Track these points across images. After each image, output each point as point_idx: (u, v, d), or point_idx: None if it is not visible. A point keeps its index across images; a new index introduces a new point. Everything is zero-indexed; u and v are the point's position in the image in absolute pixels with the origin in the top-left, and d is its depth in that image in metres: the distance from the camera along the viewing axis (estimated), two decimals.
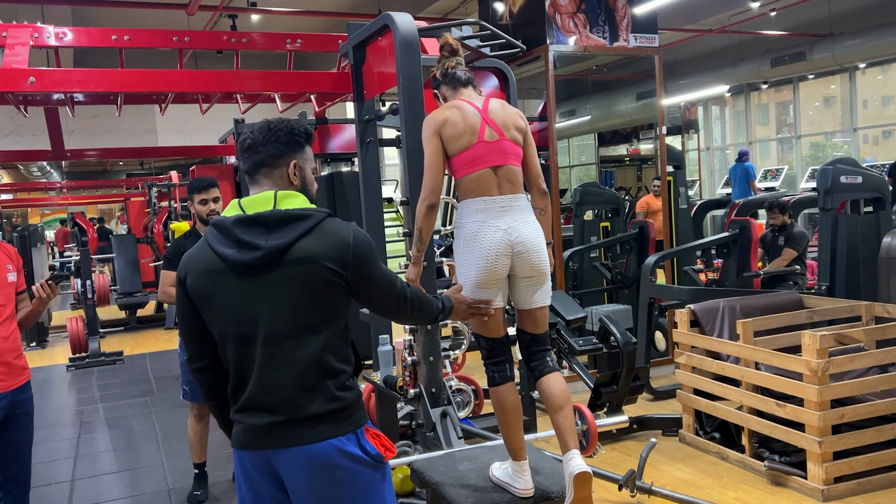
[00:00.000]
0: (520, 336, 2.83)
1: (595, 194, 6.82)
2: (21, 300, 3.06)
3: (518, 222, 2.68)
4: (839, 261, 4.66)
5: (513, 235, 2.65)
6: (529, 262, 2.68)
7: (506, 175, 2.72)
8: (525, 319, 2.80)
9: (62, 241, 16.95)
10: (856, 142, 13.90)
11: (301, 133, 1.97)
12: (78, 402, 6.48)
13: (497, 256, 2.64)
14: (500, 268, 2.66)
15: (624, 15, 5.80)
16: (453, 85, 2.88)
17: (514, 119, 2.81)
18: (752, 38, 13.50)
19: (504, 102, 2.88)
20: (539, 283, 2.73)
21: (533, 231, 2.71)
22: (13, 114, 7.51)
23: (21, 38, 4.60)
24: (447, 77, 2.89)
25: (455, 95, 2.86)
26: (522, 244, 2.66)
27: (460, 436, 3.34)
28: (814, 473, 3.48)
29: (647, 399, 5.09)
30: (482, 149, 2.71)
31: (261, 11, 11.27)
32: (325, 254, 1.83)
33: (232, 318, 1.86)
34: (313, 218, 1.86)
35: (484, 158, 2.71)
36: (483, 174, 2.70)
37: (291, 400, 1.83)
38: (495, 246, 2.64)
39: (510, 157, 2.75)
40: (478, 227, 2.67)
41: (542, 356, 2.78)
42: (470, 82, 2.88)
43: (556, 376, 2.75)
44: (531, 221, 2.73)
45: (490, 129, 2.73)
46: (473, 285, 2.68)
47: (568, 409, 2.69)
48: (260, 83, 5.48)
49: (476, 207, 2.69)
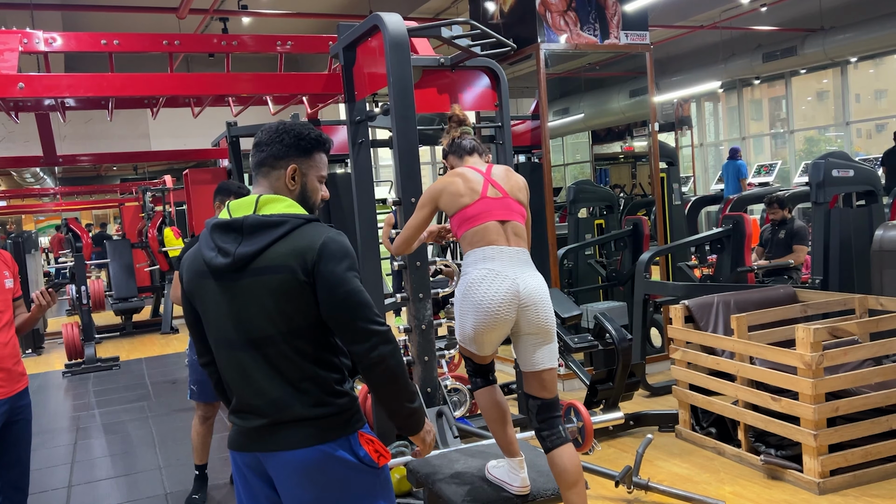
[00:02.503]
0: (528, 401, 2.72)
1: (589, 192, 6.82)
2: (17, 306, 3.06)
3: (527, 275, 2.63)
4: (832, 254, 4.68)
5: (521, 286, 2.59)
6: (536, 318, 2.61)
7: (513, 229, 2.70)
8: (532, 382, 2.69)
9: (57, 247, 16.90)
10: (849, 136, 13.93)
11: (309, 138, 1.93)
12: (74, 408, 6.47)
13: (501, 305, 2.56)
14: (503, 319, 2.58)
15: (614, 12, 5.81)
16: (459, 154, 2.94)
17: (518, 183, 2.84)
18: (743, 34, 13.53)
19: (509, 169, 2.90)
20: (545, 341, 2.65)
21: (541, 285, 2.66)
22: (4, 120, 7.49)
23: (10, 43, 4.59)
24: (454, 147, 2.96)
25: (461, 163, 2.92)
26: (530, 297, 2.60)
27: (456, 435, 3.34)
28: (810, 467, 3.49)
29: (643, 395, 5.10)
30: (486, 204, 2.70)
31: (251, 14, 11.25)
32: (291, 260, 1.79)
33: (215, 322, 1.88)
34: (287, 224, 1.82)
35: (489, 213, 2.69)
36: (489, 226, 2.67)
37: (275, 403, 1.82)
38: (501, 295, 2.56)
39: (515, 214, 2.73)
40: (485, 273, 2.60)
41: (553, 423, 2.67)
42: (475, 150, 2.94)
43: (568, 449, 2.64)
44: (538, 277, 2.68)
45: (493, 188, 2.75)
46: (471, 336, 2.63)
47: (581, 485, 2.59)
48: (251, 86, 5.46)
49: (484, 255, 2.64)
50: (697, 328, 4.24)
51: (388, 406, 1.89)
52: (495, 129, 4.20)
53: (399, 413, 1.91)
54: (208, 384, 2.04)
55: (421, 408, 1.95)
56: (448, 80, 4.07)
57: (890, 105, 14.07)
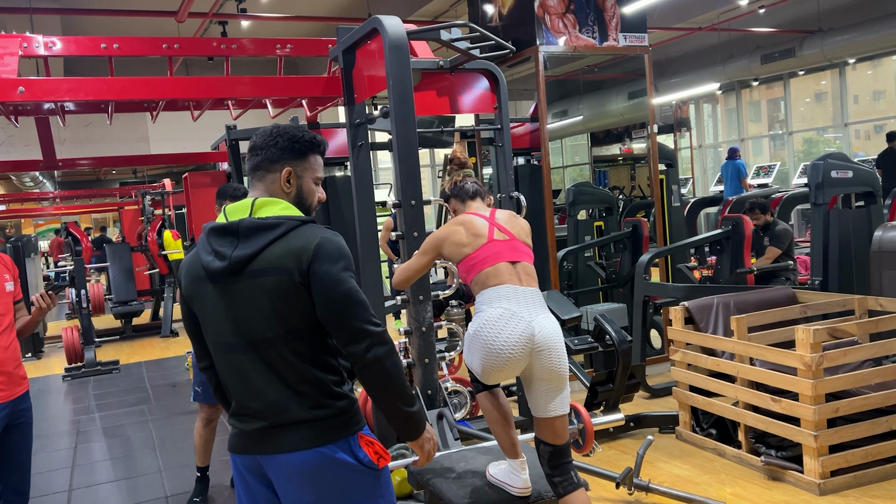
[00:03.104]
0: (540, 447, 2.68)
1: (588, 194, 6.83)
2: (18, 310, 3.06)
3: (542, 318, 2.59)
4: (831, 255, 4.68)
5: (536, 330, 2.55)
6: (549, 363, 2.57)
7: (525, 269, 2.69)
8: (544, 429, 2.65)
9: (56, 250, 16.90)
10: (847, 137, 13.96)
11: (303, 141, 1.93)
12: (74, 412, 6.47)
13: (514, 348, 2.52)
14: (515, 362, 2.55)
15: (613, 14, 5.82)
16: (461, 198, 2.94)
17: (524, 227, 2.84)
18: (741, 36, 13.56)
19: (513, 213, 2.90)
20: (558, 388, 2.62)
21: (556, 329, 2.62)
22: (4, 124, 7.50)
23: (10, 48, 4.59)
24: (456, 190, 2.96)
25: (463, 208, 2.92)
26: (544, 341, 2.56)
27: (457, 437, 3.34)
28: (810, 467, 3.49)
29: (643, 397, 5.10)
30: (494, 247, 2.69)
31: (250, 17, 11.27)
32: (287, 261, 1.79)
33: (213, 325, 1.88)
34: (283, 226, 1.82)
35: (498, 255, 2.67)
36: (500, 266, 2.65)
37: (273, 405, 1.83)
38: (515, 337, 2.52)
39: (524, 255, 2.72)
40: (500, 312, 2.55)
41: (565, 469, 2.63)
42: (478, 194, 2.95)
43: (581, 495, 2.60)
44: (553, 320, 2.64)
45: (499, 231, 2.74)
46: (479, 372, 2.62)
47: None
48: (251, 89, 5.47)
49: (500, 294, 2.60)
50: (697, 329, 4.25)
51: (385, 409, 1.88)
52: (494, 131, 4.21)
53: (396, 416, 1.89)
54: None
55: (420, 414, 1.92)
56: (447, 83, 4.07)
57: (888, 106, 14.09)
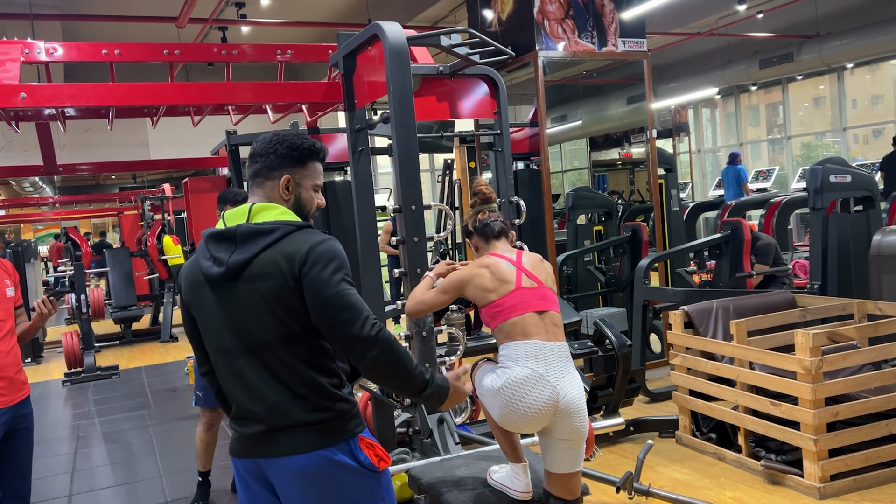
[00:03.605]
0: (547, 500, 2.61)
1: (587, 198, 6.84)
2: (18, 315, 3.07)
3: (567, 380, 2.53)
4: (830, 259, 4.69)
5: (561, 396, 2.49)
6: (571, 425, 2.52)
7: (552, 320, 2.62)
8: (556, 484, 2.59)
9: (56, 255, 16.90)
10: (846, 141, 13.98)
11: (302, 148, 1.94)
12: (74, 417, 6.47)
13: (538, 414, 2.47)
14: (537, 424, 2.51)
15: (612, 20, 5.84)
16: (486, 237, 2.80)
17: (549, 273, 2.76)
18: (740, 41, 13.59)
19: (537, 256, 2.80)
20: (577, 446, 2.57)
21: (580, 392, 2.57)
22: (4, 129, 7.50)
23: (11, 54, 4.60)
24: (480, 227, 2.82)
25: (487, 248, 2.79)
26: (568, 407, 2.50)
27: (457, 441, 3.34)
28: (810, 471, 3.50)
29: (643, 401, 5.10)
30: (522, 294, 2.60)
31: (251, 23, 11.30)
32: (281, 265, 1.81)
33: (212, 330, 1.90)
34: (279, 231, 1.84)
35: (526, 303, 2.59)
36: (527, 317, 2.56)
37: (273, 408, 1.84)
38: (540, 403, 2.47)
39: (551, 304, 2.65)
40: (528, 374, 2.48)
41: None
42: (503, 233, 2.81)
43: None
44: (578, 381, 2.58)
45: (527, 278, 2.65)
46: (496, 421, 2.58)
47: None
48: (251, 94, 5.48)
49: (527, 351, 2.52)
50: (697, 334, 4.26)
51: (401, 394, 1.89)
52: (494, 136, 4.22)
53: (414, 397, 1.93)
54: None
55: (434, 385, 1.91)
56: (447, 88, 4.08)
57: (886, 110, 14.12)
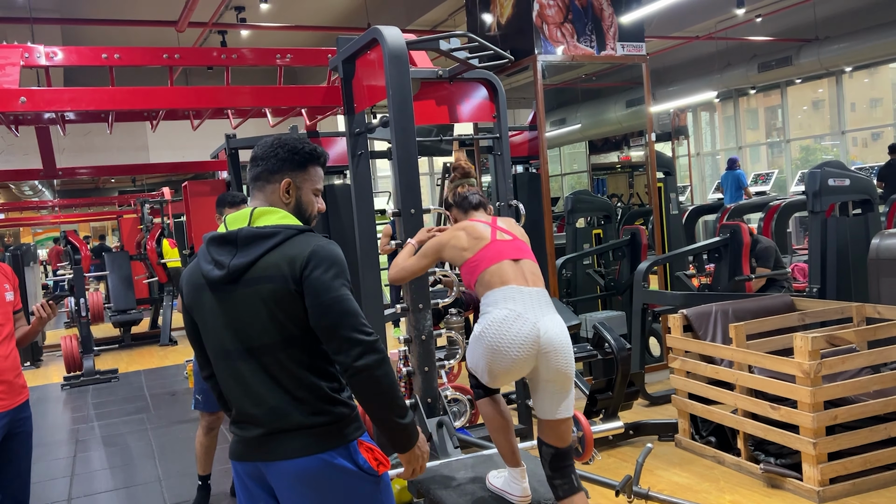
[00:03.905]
0: (542, 449, 2.67)
1: (587, 202, 6.84)
2: (18, 319, 3.07)
3: (548, 319, 2.56)
4: (829, 263, 4.69)
5: (542, 332, 2.51)
6: (556, 365, 2.54)
7: (529, 268, 2.67)
8: (547, 431, 2.65)
9: (55, 259, 16.89)
10: (845, 144, 14.00)
11: (303, 152, 1.95)
12: (73, 421, 6.46)
13: (521, 350, 2.49)
14: (522, 365, 2.53)
15: (611, 24, 5.86)
16: (464, 208, 2.93)
17: (524, 233, 2.85)
18: (738, 44, 13.61)
19: (512, 220, 2.90)
20: (564, 390, 2.61)
21: (563, 331, 2.59)
22: (4, 133, 7.51)
23: (12, 58, 4.62)
24: (459, 200, 2.94)
25: (465, 218, 2.90)
26: (551, 343, 2.52)
27: (457, 445, 3.34)
28: (809, 475, 3.50)
29: (642, 405, 5.11)
30: (497, 246, 2.69)
31: (250, 27, 11.32)
32: (282, 269, 1.82)
33: (213, 333, 1.90)
34: (280, 235, 1.85)
35: (501, 253, 2.66)
36: (504, 265, 2.62)
37: (273, 412, 1.84)
38: (521, 339, 2.49)
39: (527, 253, 2.72)
40: (506, 314, 2.52)
41: (565, 472, 2.63)
42: (481, 205, 2.94)
43: (580, 498, 2.61)
44: (560, 322, 2.60)
45: (501, 233, 2.74)
46: (484, 373, 2.60)
47: None
48: (250, 98, 5.49)
49: (505, 295, 2.56)
50: (696, 337, 4.26)
51: (375, 418, 1.86)
52: (493, 139, 4.23)
53: (387, 427, 1.87)
54: (213, 393, 2.05)
55: (411, 426, 1.90)
56: (446, 92, 4.09)
57: (885, 114, 14.14)
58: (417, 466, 1.97)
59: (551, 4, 5.65)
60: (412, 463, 1.95)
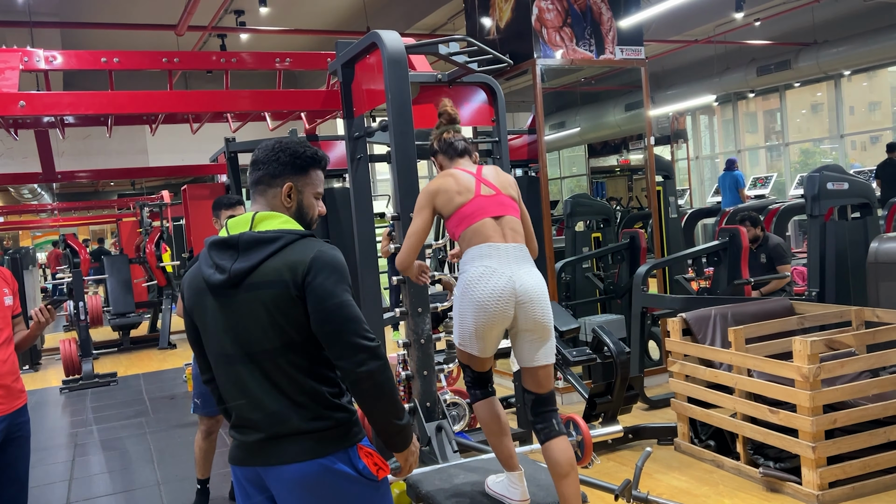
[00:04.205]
0: (524, 395, 2.77)
1: (586, 205, 6.85)
2: (17, 323, 3.06)
3: (523, 272, 2.63)
4: (828, 266, 4.70)
5: (517, 284, 2.59)
6: (533, 315, 2.61)
7: (509, 224, 2.71)
8: (528, 378, 2.72)
9: (54, 262, 16.89)
10: (843, 148, 14.01)
11: (305, 156, 1.96)
12: (72, 425, 6.45)
13: (499, 302, 2.57)
14: (502, 317, 2.59)
15: (609, 28, 5.86)
16: (450, 155, 2.91)
17: (509, 180, 2.86)
18: (737, 48, 13.63)
19: (498, 168, 2.92)
20: (543, 339, 2.67)
21: (538, 282, 2.65)
22: (3, 137, 7.51)
23: (11, 62, 4.62)
24: (444, 146, 2.92)
25: (451, 164, 2.90)
26: (527, 294, 2.60)
27: (456, 449, 3.34)
28: (808, 479, 3.49)
29: (641, 408, 5.10)
30: (480, 202, 2.71)
31: (250, 31, 11.32)
32: (284, 274, 1.82)
33: (214, 337, 1.91)
34: (282, 240, 1.86)
35: (483, 210, 2.70)
36: (485, 223, 2.68)
37: (273, 417, 1.84)
38: (498, 291, 2.57)
39: (509, 209, 2.75)
40: (482, 271, 2.60)
41: (547, 417, 2.70)
42: (466, 152, 2.92)
43: (562, 441, 2.68)
44: (536, 273, 2.67)
45: (486, 187, 2.76)
46: (471, 333, 2.64)
47: (573, 476, 2.64)
48: (250, 102, 5.50)
49: (481, 253, 2.64)
50: (695, 341, 4.26)
51: (377, 422, 1.90)
52: (492, 143, 4.24)
53: (386, 430, 1.91)
54: (212, 397, 2.05)
55: (409, 427, 1.95)
56: (445, 96, 4.09)
57: (884, 117, 14.16)
58: (412, 460, 2.01)
59: (550, 8, 5.66)
60: (409, 460, 2.00)
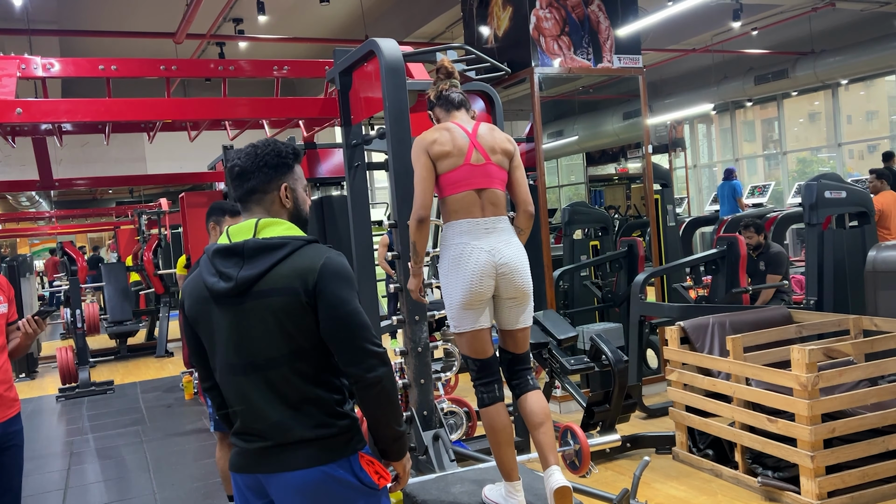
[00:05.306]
0: (502, 355, 2.90)
1: (584, 213, 6.85)
2: (11, 331, 3.04)
3: (501, 244, 2.75)
4: (826, 275, 4.69)
5: (496, 257, 2.71)
6: (514, 283, 2.74)
7: (489, 198, 2.79)
8: (507, 339, 2.86)
9: (52, 270, 16.86)
10: (841, 157, 14.04)
11: (288, 154, 1.97)
12: (68, 433, 6.42)
13: (482, 277, 2.69)
14: (485, 289, 2.71)
15: (607, 37, 5.88)
16: (446, 107, 2.94)
17: (502, 143, 2.87)
18: (735, 57, 13.67)
19: (493, 126, 2.95)
20: (523, 304, 2.80)
21: (516, 252, 2.78)
22: (1, 144, 7.52)
23: (8, 69, 4.62)
24: (441, 99, 2.95)
25: (448, 117, 2.92)
26: (506, 265, 2.72)
27: (453, 458, 3.32)
28: (807, 488, 3.48)
29: (639, 417, 5.09)
30: (468, 171, 2.77)
31: (248, 39, 11.34)
32: (293, 281, 1.82)
33: (217, 346, 1.89)
34: (288, 246, 1.85)
35: (469, 180, 2.77)
36: (467, 195, 2.76)
37: (277, 425, 1.83)
38: (479, 267, 2.69)
39: (495, 181, 2.81)
40: (462, 248, 2.73)
41: (522, 374, 2.85)
42: (463, 105, 2.95)
43: (536, 394, 2.82)
44: (514, 243, 2.79)
45: (477, 153, 2.79)
46: (459, 306, 2.74)
47: (548, 425, 2.75)
48: (248, 110, 5.50)
49: (461, 229, 2.76)
50: (693, 349, 4.25)
51: (380, 428, 1.91)
52: None
53: (388, 437, 1.93)
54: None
55: (407, 435, 1.97)
56: None
57: (881, 126, 14.20)
58: (409, 468, 2.04)
59: (548, 17, 5.67)
60: (407, 469, 2.02)
